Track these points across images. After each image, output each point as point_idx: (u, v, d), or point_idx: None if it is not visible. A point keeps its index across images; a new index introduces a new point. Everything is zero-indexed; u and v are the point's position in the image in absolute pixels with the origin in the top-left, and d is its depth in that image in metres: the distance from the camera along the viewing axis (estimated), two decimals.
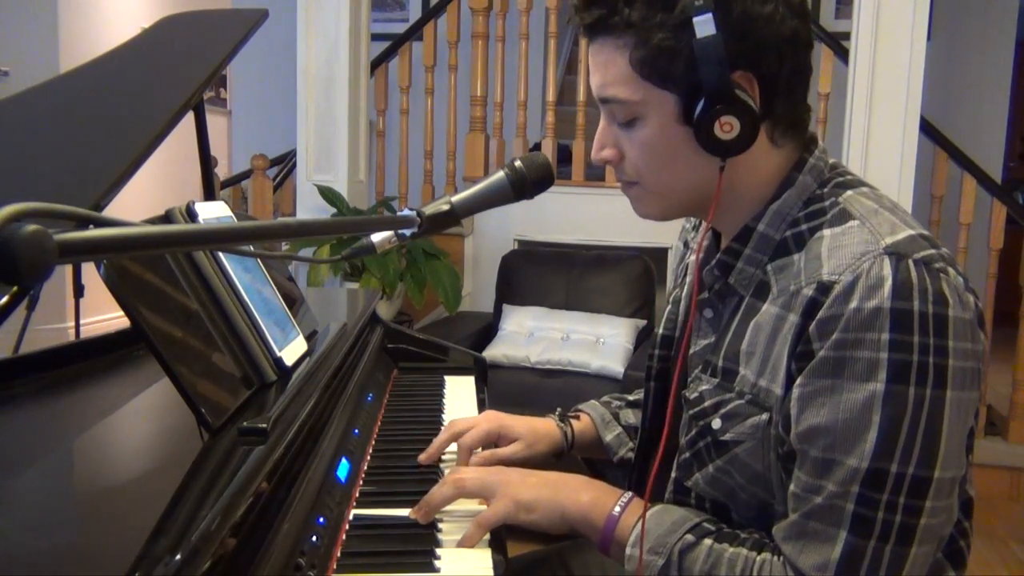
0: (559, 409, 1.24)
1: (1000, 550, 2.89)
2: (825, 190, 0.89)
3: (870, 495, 0.79)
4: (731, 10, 0.82)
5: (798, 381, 0.82)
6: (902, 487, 0.78)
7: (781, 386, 0.85)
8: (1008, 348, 3.47)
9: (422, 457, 1.13)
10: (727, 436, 0.89)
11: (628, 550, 0.89)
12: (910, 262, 0.79)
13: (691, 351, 0.98)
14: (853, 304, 0.78)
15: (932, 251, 0.82)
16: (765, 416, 0.86)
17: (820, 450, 0.81)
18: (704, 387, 0.93)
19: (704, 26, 0.81)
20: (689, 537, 0.87)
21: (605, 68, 0.88)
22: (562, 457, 1.22)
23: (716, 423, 0.90)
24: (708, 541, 0.87)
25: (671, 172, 0.90)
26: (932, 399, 0.78)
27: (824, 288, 0.81)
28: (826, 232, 0.85)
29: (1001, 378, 3.60)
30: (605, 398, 1.28)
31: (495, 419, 1.16)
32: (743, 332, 0.90)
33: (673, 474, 0.98)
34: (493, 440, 1.16)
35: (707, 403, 0.92)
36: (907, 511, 0.79)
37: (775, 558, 0.84)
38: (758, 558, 0.84)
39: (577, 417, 1.23)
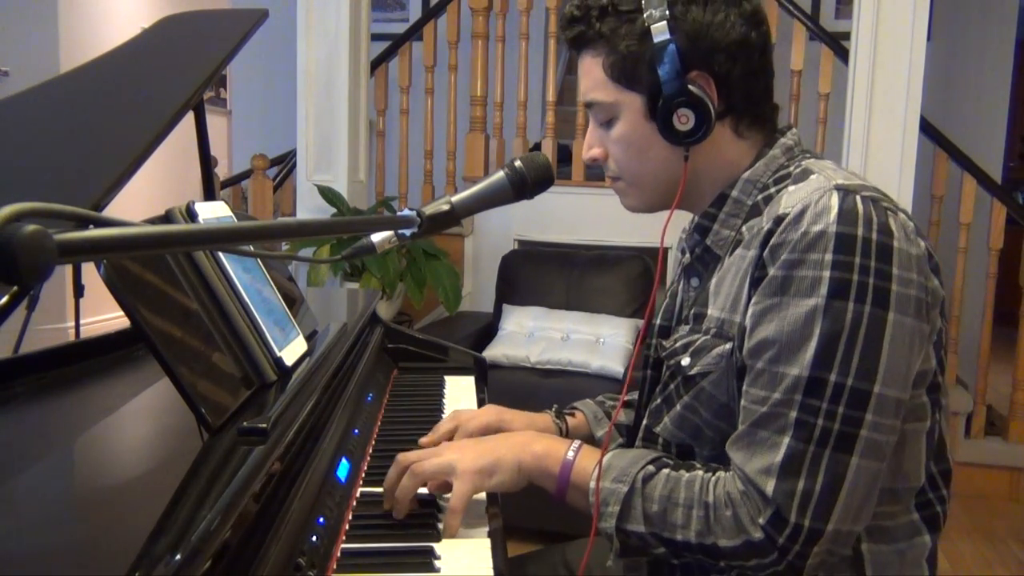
0: (555, 406, 1.27)
1: (1000, 550, 2.89)
2: (792, 161, 0.98)
3: (810, 402, 0.85)
4: (685, 18, 0.93)
5: (752, 300, 0.90)
6: (841, 396, 0.84)
7: (741, 314, 0.92)
8: (1008, 348, 3.47)
9: (424, 440, 1.15)
10: (695, 370, 0.96)
11: (591, 483, 0.95)
12: (857, 196, 0.87)
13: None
14: (802, 228, 0.86)
15: (881, 196, 0.90)
16: (728, 345, 0.93)
17: (766, 362, 0.88)
18: (678, 334, 1.00)
19: (660, 32, 0.92)
20: (650, 467, 0.94)
21: (586, 76, 1.00)
22: None
23: (685, 360, 0.97)
24: (666, 470, 0.94)
25: (644, 164, 1.00)
26: (871, 315, 0.84)
27: (779, 220, 0.88)
28: (790, 188, 0.93)
29: (1001, 378, 3.60)
30: (600, 397, 1.31)
31: (495, 413, 1.19)
32: (714, 280, 0.98)
33: (644, 422, 1.04)
34: (493, 432, 1.16)
35: (677, 345, 0.99)
36: (846, 421, 0.84)
37: (727, 474, 0.91)
38: (712, 476, 0.91)
39: (572, 414, 1.26)
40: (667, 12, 0.92)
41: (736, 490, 0.88)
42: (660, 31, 0.92)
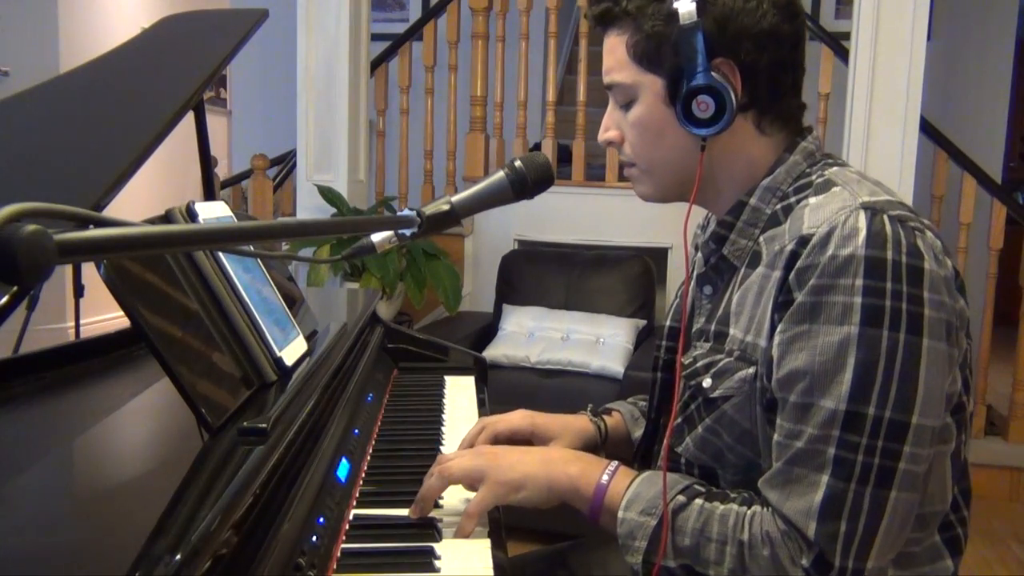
0: (590, 405, 1.23)
1: (1000, 550, 2.89)
2: (814, 168, 0.94)
3: (848, 438, 0.81)
4: (714, 2, 0.90)
5: (779, 328, 0.86)
6: (880, 430, 0.81)
7: (765, 338, 0.88)
8: (1008, 348, 3.47)
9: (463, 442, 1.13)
10: (716, 393, 0.92)
11: (620, 514, 0.91)
12: (885, 216, 0.84)
13: (693, 329, 1.02)
14: (829, 252, 0.83)
15: (909, 214, 0.86)
16: (752, 370, 0.90)
17: (799, 394, 0.84)
18: (697, 352, 0.97)
19: (688, 14, 0.89)
20: (680, 498, 0.90)
21: (610, 55, 0.97)
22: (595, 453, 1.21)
23: (707, 382, 0.94)
24: (699, 501, 0.90)
25: (659, 150, 0.97)
26: (907, 344, 0.81)
27: (803, 241, 0.85)
28: (811, 200, 0.89)
29: (1001, 378, 3.60)
30: (630, 399, 1.27)
31: (527, 418, 1.15)
32: (735, 297, 0.94)
33: (665, 441, 1.00)
34: (525, 438, 1.14)
35: (699, 365, 0.95)
36: (885, 454, 0.81)
37: (764, 510, 0.86)
38: (748, 511, 0.87)
39: (609, 413, 1.23)
40: None
41: (776, 529, 0.85)
42: (687, 13, 0.88)
